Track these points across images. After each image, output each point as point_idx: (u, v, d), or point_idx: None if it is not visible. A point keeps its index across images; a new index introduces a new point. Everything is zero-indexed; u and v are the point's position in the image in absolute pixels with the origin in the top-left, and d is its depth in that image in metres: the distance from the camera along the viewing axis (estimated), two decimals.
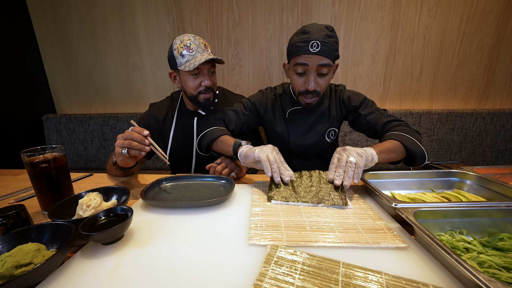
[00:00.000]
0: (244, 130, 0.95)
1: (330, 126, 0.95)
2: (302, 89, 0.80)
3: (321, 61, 0.74)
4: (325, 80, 0.79)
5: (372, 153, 0.64)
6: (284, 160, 0.68)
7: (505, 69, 1.46)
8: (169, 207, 0.60)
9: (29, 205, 0.62)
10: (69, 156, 1.68)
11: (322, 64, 0.74)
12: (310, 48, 0.72)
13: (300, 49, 0.74)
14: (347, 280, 0.34)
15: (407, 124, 0.81)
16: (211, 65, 0.90)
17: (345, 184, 0.60)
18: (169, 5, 1.50)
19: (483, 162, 1.51)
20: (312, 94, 0.80)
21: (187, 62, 0.85)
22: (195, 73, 0.88)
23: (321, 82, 0.79)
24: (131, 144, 0.67)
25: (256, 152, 0.66)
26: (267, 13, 1.46)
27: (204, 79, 0.88)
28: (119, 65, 1.64)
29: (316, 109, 0.93)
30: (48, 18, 1.58)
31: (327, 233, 0.47)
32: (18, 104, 1.55)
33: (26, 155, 0.56)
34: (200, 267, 0.39)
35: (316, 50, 0.72)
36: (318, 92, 0.81)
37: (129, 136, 0.67)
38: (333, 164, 0.65)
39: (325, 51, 0.72)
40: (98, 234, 0.41)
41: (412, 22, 1.42)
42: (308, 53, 0.73)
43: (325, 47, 0.72)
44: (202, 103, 0.92)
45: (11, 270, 0.36)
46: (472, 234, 0.47)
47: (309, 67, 0.75)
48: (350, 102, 0.92)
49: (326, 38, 0.72)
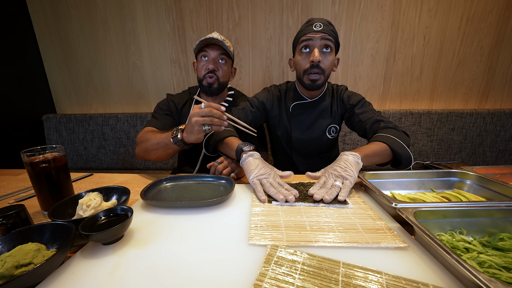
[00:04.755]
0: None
1: (332, 123, 0.97)
2: (307, 66, 0.84)
3: (324, 37, 0.80)
4: (327, 59, 0.83)
5: (356, 169, 0.65)
6: (285, 184, 0.67)
7: (505, 69, 1.46)
8: (169, 207, 0.59)
9: (29, 205, 0.62)
10: (69, 156, 1.68)
11: (325, 39, 0.81)
12: (313, 28, 0.81)
13: (305, 29, 0.83)
14: (347, 280, 0.34)
15: (396, 126, 0.82)
16: (220, 53, 0.95)
17: (326, 198, 0.59)
18: (169, 5, 1.50)
19: (483, 162, 1.51)
20: (316, 69, 0.83)
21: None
22: (204, 55, 0.96)
23: (324, 59, 0.83)
24: (212, 120, 0.68)
25: (251, 177, 0.66)
26: (267, 13, 1.47)
27: (210, 64, 0.95)
28: (119, 65, 1.64)
29: (319, 104, 0.95)
30: (48, 18, 1.58)
31: (327, 233, 0.47)
32: (18, 104, 1.55)
33: (26, 155, 0.56)
34: (200, 267, 0.39)
35: (319, 29, 0.80)
36: (323, 69, 0.83)
37: (208, 112, 0.67)
38: (319, 184, 0.65)
39: (327, 31, 0.80)
40: (98, 234, 0.41)
41: (412, 22, 1.42)
42: (312, 31, 0.81)
43: (326, 27, 0.81)
44: (205, 87, 0.98)
45: (11, 270, 0.36)
46: (472, 234, 0.47)
47: (313, 41, 0.81)
48: (348, 100, 0.95)
49: (327, 23, 0.82)
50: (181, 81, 1.64)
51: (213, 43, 0.94)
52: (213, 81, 0.97)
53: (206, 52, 0.94)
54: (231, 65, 1.04)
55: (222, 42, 0.92)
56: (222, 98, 1.08)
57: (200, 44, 0.93)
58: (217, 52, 0.95)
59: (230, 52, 0.96)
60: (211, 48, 0.94)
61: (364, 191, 0.70)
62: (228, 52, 0.96)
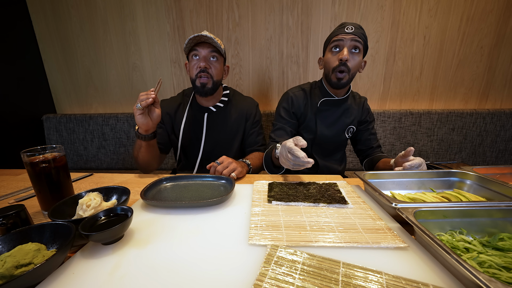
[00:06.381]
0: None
1: (351, 123, 1.04)
2: (335, 64, 0.89)
3: (354, 39, 0.86)
4: (355, 59, 0.88)
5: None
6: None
7: (505, 69, 1.46)
8: (169, 207, 0.59)
9: (29, 205, 0.62)
10: (69, 156, 1.68)
11: (355, 40, 0.86)
12: (345, 30, 0.87)
13: (337, 31, 0.89)
14: (347, 280, 0.34)
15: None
16: (210, 50, 0.94)
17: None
18: (169, 5, 1.50)
19: (483, 162, 1.51)
20: (344, 67, 0.88)
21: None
22: (195, 54, 0.94)
23: (352, 59, 0.88)
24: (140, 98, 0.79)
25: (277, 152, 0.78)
26: (267, 13, 1.47)
27: (201, 62, 0.94)
28: (119, 65, 1.64)
29: (344, 103, 1.01)
30: (48, 18, 1.58)
31: (327, 233, 0.47)
32: (18, 104, 1.55)
33: (26, 155, 0.56)
34: (200, 267, 0.39)
35: (350, 31, 0.86)
36: (349, 68, 0.88)
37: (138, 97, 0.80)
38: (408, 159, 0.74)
39: (357, 33, 0.86)
40: (98, 234, 0.41)
41: (412, 22, 1.42)
42: (343, 33, 0.87)
43: (357, 30, 0.86)
44: (199, 87, 0.97)
45: (11, 270, 0.36)
46: (472, 234, 0.47)
47: (344, 42, 0.87)
48: (368, 113, 1.07)
49: (358, 27, 0.88)
50: (181, 81, 1.64)
51: (203, 41, 0.92)
52: (206, 81, 0.95)
53: (197, 51, 0.93)
54: (224, 63, 1.02)
55: (212, 40, 0.90)
56: (217, 98, 1.06)
57: (190, 43, 0.92)
58: (208, 50, 0.93)
59: (221, 50, 0.94)
60: (202, 47, 0.93)
61: (364, 191, 0.70)
62: (219, 50, 0.94)
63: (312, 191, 0.66)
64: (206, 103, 1.05)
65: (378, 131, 1.50)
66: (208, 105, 1.05)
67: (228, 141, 1.07)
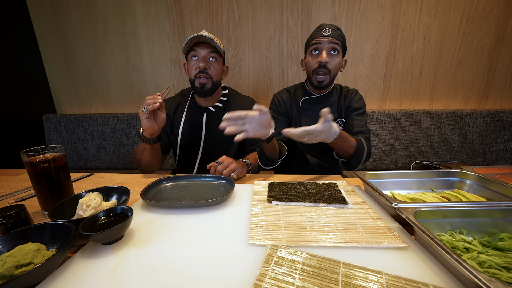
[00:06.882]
0: None
1: (339, 117, 1.04)
2: (315, 66, 0.93)
3: (332, 41, 0.89)
4: (334, 60, 0.92)
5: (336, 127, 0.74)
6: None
7: (505, 69, 1.46)
8: (169, 207, 0.59)
9: (29, 205, 0.62)
10: (69, 156, 1.68)
11: (333, 43, 0.89)
12: (323, 33, 0.90)
13: (315, 34, 0.93)
14: (347, 280, 0.34)
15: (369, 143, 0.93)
16: (210, 51, 0.93)
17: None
18: (169, 5, 1.50)
19: (483, 162, 1.51)
20: (324, 70, 0.91)
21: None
22: (194, 55, 0.94)
23: (331, 60, 0.91)
24: (147, 102, 0.80)
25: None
26: (267, 13, 1.47)
27: (200, 62, 0.93)
28: (119, 65, 1.64)
29: (326, 99, 1.03)
30: (48, 18, 1.59)
31: (327, 233, 0.47)
32: (18, 104, 1.55)
33: (26, 155, 0.56)
34: (200, 267, 0.39)
35: (327, 33, 0.89)
36: (329, 69, 0.92)
37: (145, 101, 0.81)
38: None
39: (335, 35, 0.89)
40: (98, 234, 0.41)
41: (412, 22, 1.42)
42: (321, 36, 0.90)
43: (335, 32, 0.90)
44: (198, 88, 0.96)
45: (11, 270, 0.36)
46: (472, 234, 0.47)
47: (322, 45, 0.91)
48: (352, 101, 1.02)
49: (335, 29, 0.91)
50: (181, 81, 1.64)
51: (202, 41, 0.92)
52: (205, 82, 0.95)
53: (196, 51, 0.93)
54: (223, 63, 1.02)
55: (211, 40, 0.90)
56: (216, 99, 1.06)
57: (189, 43, 0.91)
58: (207, 50, 0.93)
59: (221, 50, 0.94)
60: (201, 47, 0.92)
61: (364, 191, 0.70)
62: (218, 50, 0.93)
63: (312, 191, 0.66)
64: (205, 103, 1.05)
65: (378, 131, 1.50)
66: (207, 105, 1.05)
67: (228, 141, 1.07)
